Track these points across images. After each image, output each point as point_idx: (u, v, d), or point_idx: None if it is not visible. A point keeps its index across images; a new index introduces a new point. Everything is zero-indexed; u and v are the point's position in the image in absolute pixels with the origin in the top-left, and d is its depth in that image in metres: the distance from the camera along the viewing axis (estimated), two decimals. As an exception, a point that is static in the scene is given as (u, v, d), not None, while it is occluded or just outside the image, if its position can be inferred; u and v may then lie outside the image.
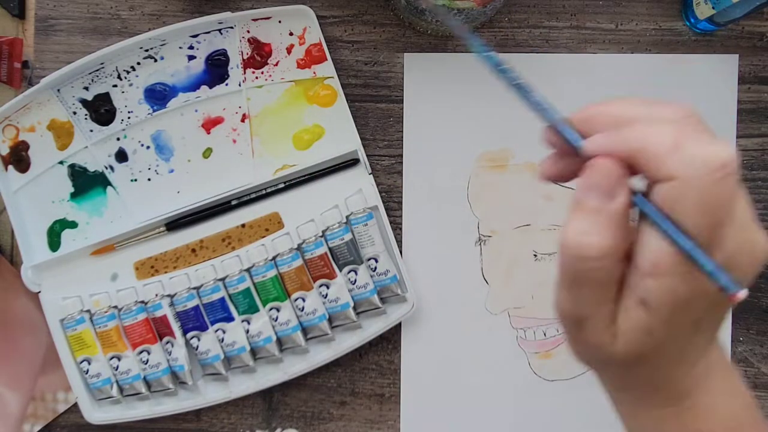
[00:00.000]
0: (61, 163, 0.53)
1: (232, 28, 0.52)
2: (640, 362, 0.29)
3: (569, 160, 0.30)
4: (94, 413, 0.52)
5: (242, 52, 0.52)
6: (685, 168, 0.25)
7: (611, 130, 0.28)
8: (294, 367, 0.52)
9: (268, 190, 0.53)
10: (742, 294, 0.26)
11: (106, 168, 0.53)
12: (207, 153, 0.53)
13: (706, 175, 0.25)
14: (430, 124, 0.54)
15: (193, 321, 0.52)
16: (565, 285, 0.28)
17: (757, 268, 0.27)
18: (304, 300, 0.52)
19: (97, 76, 0.52)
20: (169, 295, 0.52)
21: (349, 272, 0.52)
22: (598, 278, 0.27)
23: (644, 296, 0.27)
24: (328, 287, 0.52)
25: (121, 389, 0.52)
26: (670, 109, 0.29)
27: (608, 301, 0.28)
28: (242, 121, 0.53)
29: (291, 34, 0.53)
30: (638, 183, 0.28)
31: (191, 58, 0.52)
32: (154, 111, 0.53)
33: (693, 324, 0.28)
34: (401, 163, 0.54)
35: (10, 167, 0.53)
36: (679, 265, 0.26)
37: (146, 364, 0.52)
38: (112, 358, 0.52)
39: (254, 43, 0.52)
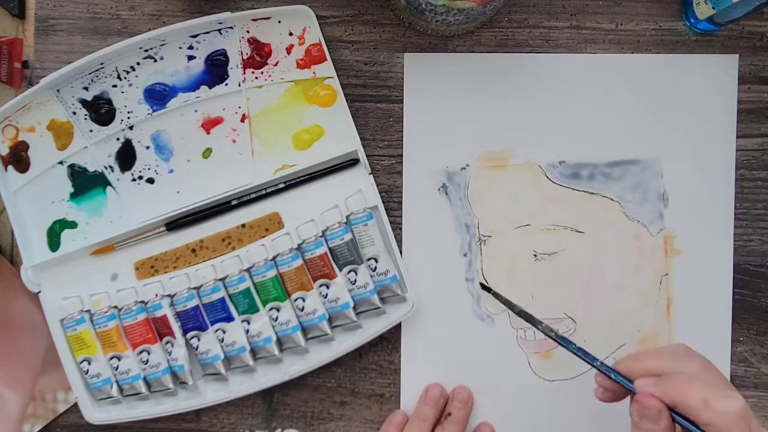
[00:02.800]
0: (60, 163, 0.53)
1: (231, 28, 0.52)
2: None
3: (615, 392, 0.45)
4: (94, 413, 0.52)
5: (242, 52, 0.52)
6: (716, 419, 0.39)
7: (651, 379, 0.42)
8: (294, 367, 0.52)
9: (268, 190, 0.53)
10: None
11: (106, 168, 0.53)
12: (207, 153, 0.53)
13: (732, 423, 0.38)
14: (430, 124, 0.54)
15: (193, 321, 0.52)
16: None
17: None
18: (304, 300, 0.52)
19: (97, 76, 0.52)
20: (169, 295, 0.52)
21: (349, 272, 0.52)
22: None
23: None
24: (328, 287, 0.52)
25: (121, 389, 0.52)
26: (694, 364, 0.42)
27: None
28: (242, 121, 0.53)
29: (291, 34, 0.53)
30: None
31: (191, 58, 0.52)
32: (153, 111, 0.53)
33: None
34: (401, 163, 0.54)
35: (10, 167, 0.53)
36: None
37: (146, 364, 0.52)
38: (112, 358, 0.52)
39: (254, 43, 0.52)
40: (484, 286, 0.54)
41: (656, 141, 0.54)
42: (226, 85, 0.53)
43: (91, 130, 0.53)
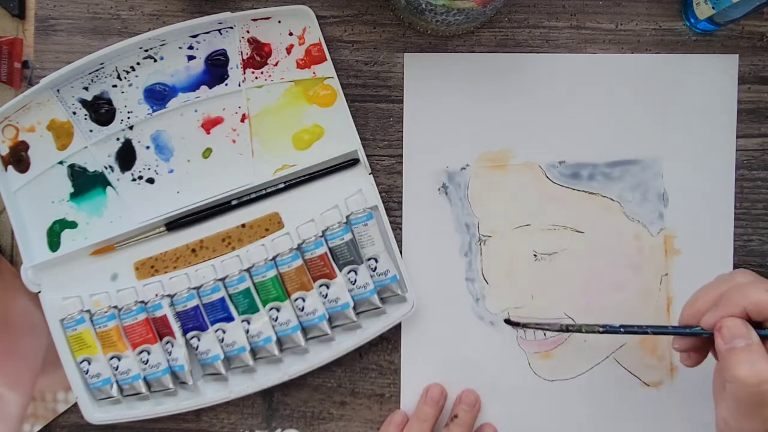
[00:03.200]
0: (60, 163, 0.53)
1: (231, 28, 0.52)
2: None
3: (696, 350, 0.47)
4: (94, 413, 0.52)
5: (242, 52, 0.52)
6: None
7: (709, 311, 0.43)
8: (294, 367, 0.52)
9: (268, 190, 0.53)
10: None
11: (106, 168, 0.53)
12: (207, 153, 0.53)
13: None
14: (430, 124, 0.54)
15: (193, 321, 0.52)
16: (749, 412, 0.40)
17: None
18: (304, 300, 0.52)
19: (97, 76, 0.52)
20: (169, 295, 0.52)
21: (349, 272, 0.52)
22: None
23: None
24: (328, 287, 0.52)
25: (121, 389, 0.52)
26: (739, 276, 0.44)
27: None
28: (242, 121, 0.53)
29: (291, 34, 0.53)
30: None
31: (191, 58, 0.52)
32: (153, 111, 0.53)
33: None
34: (401, 163, 0.54)
35: (10, 167, 0.53)
36: None
37: (146, 364, 0.52)
38: (112, 358, 0.52)
39: (254, 43, 0.52)
40: (510, 322, 0.53)
41: (656, 141, 0.54)
42: (226, 85, 0.53)
43: (91, 130, 0.53)
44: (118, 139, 0.53)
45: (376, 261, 0.52)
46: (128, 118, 0.53)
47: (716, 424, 0.43)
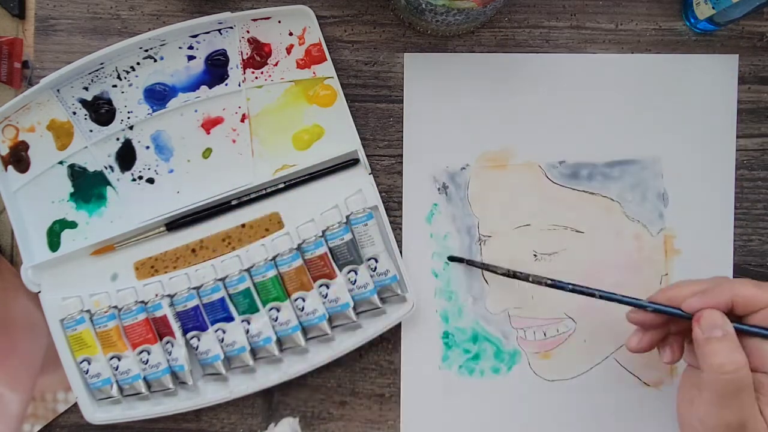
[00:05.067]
0: (60, 163, 0.53)
1: (231, 28, 0.52)
2: None
3: (650, 333, 0.47)
4: (94, 413, 0.52)
5: (242, 52, 0.52)
6: None
7: (696, 296, 0.44)
8: (294, 367, 0.52)
9: (268, 190, 0.53)
10: None
11: (106, 168, 0.53)
12: (207, 153, 0.53)
13: None
14: (429, 124, 0.54)
15: (193, 321, 0.52)
16: (725, 401, 0.41)
17: None
18: (304, 300, 0.52)
19: (97, 77, 0.52)
20: (169, 295, 0.52)
21: (349, 272, 0.52)
22: (748, 382, 0.41)
23: None
24: (328, 287, 0.52)
25: (121, 389, 0.52)
26: (729, 278, 0.48)
27: (755, 400, 0.41)
28: (242, 121, 0.53)
29: (291, 34, 0.53)
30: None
31: (191, 58, 0.52)
32: (153, 111, 0.53)
33: None
34: (401, 163, 0.54)
35: (10, 167, 0.53)
36: None
37: (146, 364, 0.52)
38: (112, 358, 0.52)
39: (254, 43, 0.52)
40: (453, 258, 0.54)
41: (656, 141, 0.54)
42: (226, 85, 0.53)
43: (91, 130, 0.53)
44: (118, 139, 0.53)
45: (376, 261, 0.52)
46: (128, 118, 0.53)
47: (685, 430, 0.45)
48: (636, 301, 0.46)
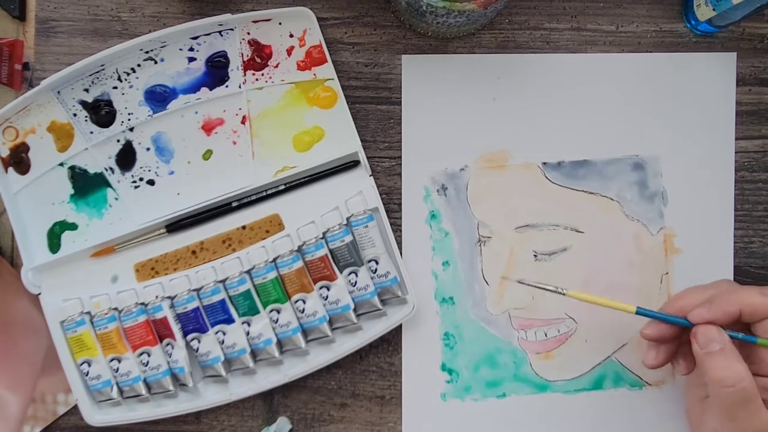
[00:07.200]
0: (61, 164, 0.53)
1: (232, 30, 0.52)
2: None
3: (665, 346, 0.48)
4: (95, 415, 0.52)
5: (242, 54, 0.52)
6: None
7: (703, 306, 0.44)
8: (294, 369, 0.52)
9: (269, 192, 0.53)
10: None
11: (107, 170, 0.53)
12: (207, 155, 0.53)
13: None
14: (428, 126, 0.54)
15: (194, 323, 0.52)
16: (734, 413, 0.41)
17: None
18: (304, 302, 0.52)
19: (98, 78, 0.52)
20: (169, 297, 0.52)
21: (350, 274, 0.52)
22: (753, 392, 0.41)
23: None
24: (328, 289, 0.52)
25: (121, 391, 0.52)
26: (736, 284, 0.47)
27: (762, 407, 0.42)
28: (242, 122, 0.53)
29: (291, 35, 0.53)
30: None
31: (191, 59, 0.52)
32: (154, 113, 0.53)
33: None
34: (401, 164, 0.54)
35: (10, 169, 0.53)
36: None
37: (146, 365, 0.52)
38: (112, 359, 0.52)
39: (254, 44, 0.53)
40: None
41: (655, 141, 0.54)
42: (227, 86, 0.53)
43: (91, 132, 0.53)
44: (118, 140, 0.53)
45: (377, 263, 0.52)
46: (129, 119, 0.53)
47: None
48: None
